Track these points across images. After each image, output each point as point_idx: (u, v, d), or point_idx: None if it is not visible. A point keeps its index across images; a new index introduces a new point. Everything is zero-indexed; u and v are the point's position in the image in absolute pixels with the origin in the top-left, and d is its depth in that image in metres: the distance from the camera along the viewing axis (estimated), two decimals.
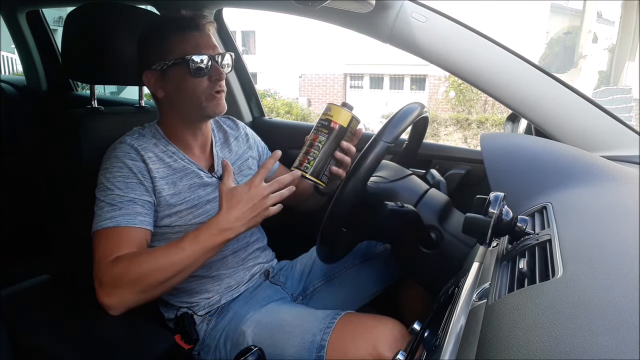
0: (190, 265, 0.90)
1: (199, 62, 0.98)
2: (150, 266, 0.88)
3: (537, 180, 0.80)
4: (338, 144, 0.97)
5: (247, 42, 14.11)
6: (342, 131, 0.96)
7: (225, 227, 0.90)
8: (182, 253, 0.89)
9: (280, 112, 8.85)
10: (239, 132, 1.25)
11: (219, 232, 0.90)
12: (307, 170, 0.95)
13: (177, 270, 0.89)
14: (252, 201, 0.90)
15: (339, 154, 0.98)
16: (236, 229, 0.90)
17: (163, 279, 0.89)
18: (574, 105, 1.06)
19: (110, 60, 1.12)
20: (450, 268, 0.86)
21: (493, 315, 0.45)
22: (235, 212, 0.89)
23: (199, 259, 0.90)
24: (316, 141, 0.96)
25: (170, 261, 0.89)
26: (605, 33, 11.91)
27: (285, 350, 0.94)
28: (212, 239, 0.90)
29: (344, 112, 0.96)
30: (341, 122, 0.96)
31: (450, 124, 8.07)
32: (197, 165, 1.08)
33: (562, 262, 0.47)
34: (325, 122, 0.96)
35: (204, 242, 0.89)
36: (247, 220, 0.90)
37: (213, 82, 1.01)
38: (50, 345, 0.83)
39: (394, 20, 1.10)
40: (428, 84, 12.70)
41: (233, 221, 0.89)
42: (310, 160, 0.95)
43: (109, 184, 0.95)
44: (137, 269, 0.87)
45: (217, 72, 1.00)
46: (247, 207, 0.90)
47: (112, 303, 0.88)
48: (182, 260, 0.89)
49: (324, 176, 0.97)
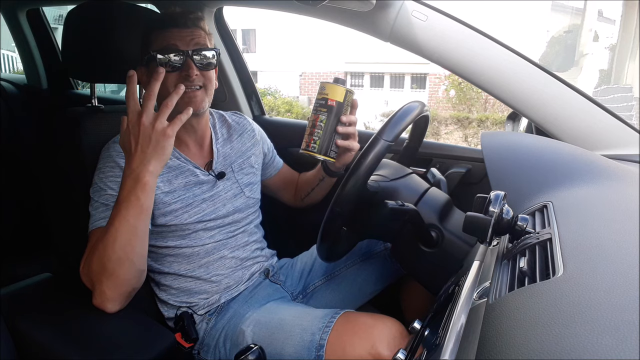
0: (131, 227, 0.84)
1: (165, 57, 0.97)
2: (101, 249, 0.85)
3: (537, 179, 0.80)
4: (338, 119, 1.00)
5: (247, 40, 14.09)
6: (340, 106, 0.99)
7: (135, 174, 0.83)
8: (114, 220, 0.84)
9: (281, 110, 8.84)
10: (244, 127, 1.24)
11: (134, 182, 0.83)
12: (315, 150, 0.99)
13: (122, 239, 0.84)
14: (140, 134, 0.83)
15: (341, 128, 1.00)
16: (148, 168, 0.83)
17: (117, 254, 0.84)
18: (575, 103, 1.06)
19: (110, 58, 1.12)
20: (451, 267, 0.85)
21: (493, 314, 0.45)
22: (135, 156, 0.83)
23: (133, 217, 0.84)
24: (317, 121, 0.99)
25: (110, 233, 0.84)
26: (606, 31, 11.88)
27: (284, 350, 0.94)
28: (132, 191, 0.83)
29: (337, 88, 0.99)
30: (337, 98, 0.98)
31: (451, 122, 8.06)
32: (193, 164, 1.08)
33: (562, 261, 0.47)
34: (322, 102, 0.99)
35: (127, 199, 0.83)
36: (150, 153, 0.83)
37: (183, 77, 0.98)
38: (51, 343, 0.83)
39: (395, 19, 1.10)
40: (428, 82, 12.69)
41: (138, 163, 0.83)
42: (316, 140, 0.99)
43: (102, 184, 0.95)
44: (95, 257, 0.86)
45: (187, 67, 0.98)
46: (141, 144, 0.83)
47: (98, 301, 0.87)
48: (119, 228, 0.83)
49: (331, 152, 1.01)
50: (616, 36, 10.26)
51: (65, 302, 0.95)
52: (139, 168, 0.83)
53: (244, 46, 13.83)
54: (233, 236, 1.13)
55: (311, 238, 0.98)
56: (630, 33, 8.77)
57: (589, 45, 11.77)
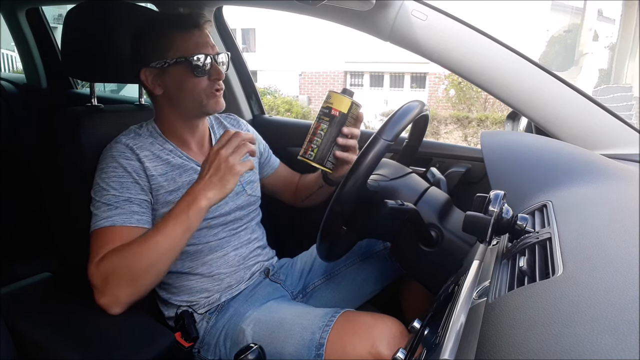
0: (171, 244, 0.89)
1: (200, 61, 0.99)
2: (132, 254, 0.88)
3: (537, 178, 0.80)
4: (340, 130, 0.99)
5: (247, 39, 14.08)
6: (343, 117, 0.98)
7: (194, 196, 0.90)
8: (159, 232, 0.89)
9: (281, 110, 8.84)
10: (240, 128, 1.26)
11: (190, 202, 0.89)
12: (311, 158, 0.99)
13: (159, 253, 0.88)
14: (214, 164, 0.90)
15: (342, 139, 0.99)
16: (207, 195, 0.89)
17: (147, 264, 0.88)
18: (575, 103, 1.06)
19: (110, 58, 1.12)
20: (450, 266, 0.85)
21: (493, 313, 0.45)
22: (203, 179, 0.90)
23: (177, 236, 0.89)
24: (318, 129, 0.99)
25: (150, 244, 0.88)
26: (606, 31, 11.88)
27: (284, 348, 0.94)
28: (185, 210, 0.89)
29: (343, 98, 0.98)
30: (341, 108, 0.98)
31: (451, 122, 8.06)
32: (196, 162, 1.08)
33: (562, 260, 0.47)
34: (326, 110, 0.98)
35: (178, 216, 0.89)
36: (215, 183, 0.89)
37: (213, 81, 1.02)
38: (51, 343, 0.83)
39: (395, 18, 1.10)
40: (428, 82, 12.68)
41: (201, 188, 0.90)
42: (314, 147, 0.98)
43: (104, 184, 0.96)
44: (121, 261, 0.87)
45: (217, 72, 1.02)
46: (211, 171, 0.90)
47: (107, 302, 0.88)
48: (161, 241, 0.88)
49: (328, 162, 1.00)
50: (616, 35, 10.26)
51: (64, 302, 0.95)
52: (199, 191, 0.89)
53: (243, 45, 13.82)
54: (236, 233, 1.14)
55: (311, 237, 0.98)
56: (629, 32, 8.77)
57: (589, 44, 11.77)
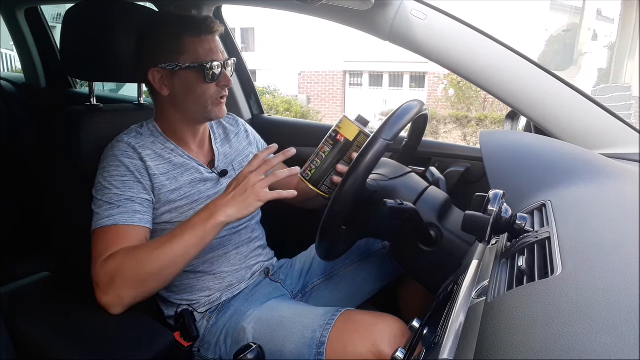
0: (184, 252, 0.89)
1: (213, 68, 0.99)
2: (143, 257, 0.88)
3: (536, 177, 0.80)
4: (342, 156, 0.96)
5: (246, 39, 14.06)
6: (348, 144, 0.96)
7: (215, 210, 0.90)
8: (174, 239, 0.89)
9: (280, 109, 8.83)
10: (239, 128, 1.26)
11: (209, 215, 0.90)
12: (308, 178, 0.97)
13: (170, 259, 0.89)
14: (241, 184, 0.91)
15: (341, 166, 0.96)
16: (227, 212, 0.90)
17: (157, 269, 0.88)
18: (574, 102, 1.06)
19: (109, 57, 1.11)
20: (450, 266, 0.85)
21: (492, 312, 0.45)
22: (227, 196, 0.91)
23: (191, 245, 0.90)
24: (321, 151, 0.97)
25: (163, 250, 0.88)
26: (605, 30, 11.88)
27: (285, 347, 0.94)
28: (203, 222, 0.90)
29: (352, 125, 0.95)
30: (348, 135, 0.95)
31: (450, 121, 8.06)
32: (197, 161, 1.08)
33: (561, 259, 0.47)
34: (333, 134, 0.96)
35: (195, 226, 0.90)
36: (238, 203, 0.90)
37: (221, 88, 1.03)
38: (50, 342, 0.83)
39: (394, 18, 1.10)
40: (427, 81, 12.67)
41: (223, 204, 0.90)
42: (312, 168, 0.97)
43: (106, 183, 0.96)
44: (131, 263, 0.87)
45: (226, 79, 1.02)
46: (236, 191, 0.91)
47: (109, 301, 0.88)
48: (175, 247, 0.88)
49: (323, 186, 0.97)
50: (615, 35, 10.27)
51: (64, 301, 0.95)
52: (220, 207, 0.90)
53: (242, 45, 13.81)
54: (237, 232, 1.14)
55: (310, 238, 0.98)
56: (629, 32, 8.78)
57: (588, 44, 11.77)
